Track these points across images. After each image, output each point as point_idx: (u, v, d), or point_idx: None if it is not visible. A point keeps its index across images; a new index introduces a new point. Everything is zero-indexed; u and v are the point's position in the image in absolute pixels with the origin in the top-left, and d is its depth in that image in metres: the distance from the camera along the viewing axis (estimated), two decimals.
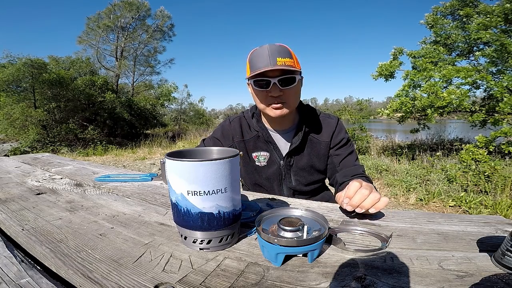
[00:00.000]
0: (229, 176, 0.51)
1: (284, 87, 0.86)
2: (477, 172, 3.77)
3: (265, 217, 0.57)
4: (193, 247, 0.54)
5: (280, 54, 0.83)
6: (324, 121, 1.04)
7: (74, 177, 1.16)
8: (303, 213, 0.58)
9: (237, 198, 0.55)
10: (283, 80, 0.85)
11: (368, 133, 8.26)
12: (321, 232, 0.49)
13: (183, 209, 0.51)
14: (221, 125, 1.10)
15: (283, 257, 0.47)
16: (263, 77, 0.86)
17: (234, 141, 1.05)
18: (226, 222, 0.52)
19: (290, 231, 0.49)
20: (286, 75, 0.85)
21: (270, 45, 0.85)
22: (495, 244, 0.52)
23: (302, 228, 0.50)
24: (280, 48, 0.85)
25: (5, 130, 9.74)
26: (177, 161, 0.49)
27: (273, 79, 0.84)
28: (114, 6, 14.39)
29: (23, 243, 0.56)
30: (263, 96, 0.90)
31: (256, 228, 0.51)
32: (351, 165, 0.99)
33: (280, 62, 0.82)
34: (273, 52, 0.83)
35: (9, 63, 9.73)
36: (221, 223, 0.52)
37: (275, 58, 0.82)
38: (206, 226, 0.51)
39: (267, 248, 0.48)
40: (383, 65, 6.41)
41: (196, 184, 0.49)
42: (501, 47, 5.08)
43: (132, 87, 15.98)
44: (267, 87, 0.86)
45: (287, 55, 0.85)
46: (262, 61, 0.84)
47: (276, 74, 0.85)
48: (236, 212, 0.54)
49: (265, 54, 0.84)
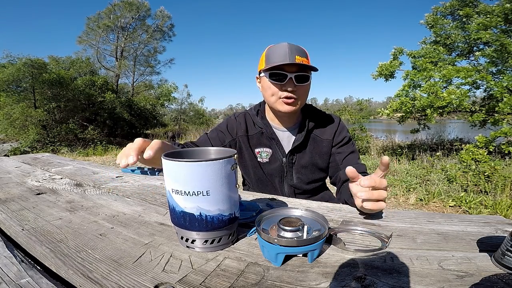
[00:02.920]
0: (212, 179, 0.49)
1: (299, 84, 0.90)
2: (477, 172, 3.77)
3: (265, 217, 0.57)
4: (182, 242, 0.55)
5: (298, 53, 0.89)
6: (326, 120, 1.06)
7: (74, 177, 1.16)
8: (303, 213, 0.58)
9: (228, 203, 0.52)
10: (299, 77, 0.89)
11: (368, 133, 8.27)
12: (321, 232, 0.49)
13: (171, 205, 0.52)
14: (227, 119, 1.12)
15: (283, 257, 0.47)
16: (281, 70, 0.89)
17: (237, 135, 1.06)
18: (209, 225, 0.51)
19: (290, 231, 0.49)
20: (303, 72, 0.89)
21: (289, 44, 0.90)
22: (495, 244, 0.51)
23: (302, 228, 0.50)
24: (299, 48, 0.91)
25: (5, 130, 9.75)
26: (164, 159, 0.50)
27: (290, 74, 0.88)
28: (114, 6, 14.39)
29: (23, 243, 0.56)
30: (275, 89, 0.92)
31: (256, 228, 0.51)
32: (353, 164, 0.99)
33: (299, 60, 0.87)
34: (293, 50, 0.88)
35: (9, 63, 9.74)
36: (203, 225, 0.51)
37: (294, 56, 0.87)
38: (188, 225, 0.51)
39: (267, 248, 0.48)
40: (383, 65, 6.41)
41: (178, 183, 0.49)
42: (501, 47, 5.09)
43: (132, 87, 15.99)
44: (283, 81, 0.89)
45: (304, 55, 0.90)
46: (280, 56, 0.88)
47: (293, 70, 0.89)
48: (223, 218, 0.52)
49: (284, 50, 0.88)
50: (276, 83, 0.91)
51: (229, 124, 1.08)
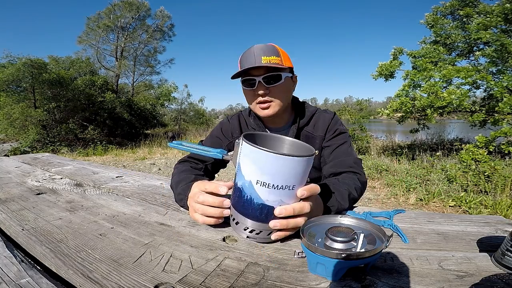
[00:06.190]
0: (301, 175, 0.49)
1: (269, 85, 0.87)
2: (477, 172, 3.77)
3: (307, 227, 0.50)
4: (240, 233, 0.54)
5: (265, 53, 0.85)
6: (320, 116, 1.01)
7: (74, 177, 1.16)
8: (352, 221, 0.52)
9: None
10: (268, 78, 0.86)
11: (368, 133, 8.27)
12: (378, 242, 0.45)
13: (246, 196, 0.50)
14: (220, 124, 1.10)
15: (344, 271, 0.43)
16: (249, 76, 0.87)
17: (233, 137, 1.04)
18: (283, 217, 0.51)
19: (342, 242, 0.44)
20: (271, 72, 0.86)
21: (256, 45, 0.87)
22: (495, 244, 0.51)
23: (358, 238, 0.44)
24: (266, 47, 0.86)
25: (5, 130, 9.75)
26: (256, 148, 0.47)
27: (257, 77, 0.86)
28: (114, 6, 14.39)
29: (23, 243, 0.56)
30: (250, 95, 0.91)
31: (307, 245, 0.44)
32: (342, 157, 0.92)
33: (265, 60, 0.83)
34: (258, 51, 0.85)
35: (9, 63, 9.74)
36: (277, 218, 0.51)
37: (260, 57, 0.84)
38: (263, 218, 0.50)
39: (327, 265, 0.42)
40: (383, 65, 6.41)
41: (267, 176, 0.47)
42: (501, 47, 5.08)
43: (132, 87, 15.98)
44: (253, 86, 0.87)
45: (273, 53, 0.86)
46: (248, 60, 0.85)
47: (261, 72, 0.86)
48: None
49: (251, 54, 0.85)
50: (249, 89, 0.89)
51: (224, 128, 1.06)
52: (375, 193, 3.77)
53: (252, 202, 0.50)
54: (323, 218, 0.53)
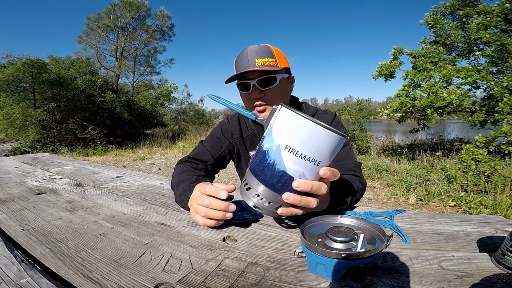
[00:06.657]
0: (329, 153, 0.47)
1: (265, 88, 0.85)
2: (477, 172, 3.77)
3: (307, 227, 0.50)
4: (248, 200, 0.52)
5: (259, 55, 0.83)
6: (320, 117, 1.00)
7: (74, 177, 1.16)
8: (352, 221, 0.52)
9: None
10: (262, 81, 0.84)
11: (368, 133, 8.26)
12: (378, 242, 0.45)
13: (270, 160, 0.48)
14: (220, 124, 1.09)
15: (344, 271, 0.43)
16: (244, 79, 0.85)
17: (233, 137, 1.03)
18: (297, 193, 0.49)
19: (342, 242, 0.44)
20: (265, 75, 0.84)
21: (250, 47, 0.85)
22: (495, 244, 0.51)
23: (358, 238, 0.44)
24: (259, 49, 0.84)
25: (5, 130, 9.75)
26: (295, 114, 0.46)
27: (252, 81, 0.84)
28: (114, 6, 14.39)
29: (23, 243, 0.56)
30: (246, 99, 0.90)
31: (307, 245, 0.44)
32: (343, 159, 0.90)
33: (259, 62, 0.82)
34: (252, 53, 0.83)
35: (9, 63, 9.74)
36: (292, 191, 0.49)
37: (254, 60, 0.82)
38: (279, 187, 0.49)
39: (327, 265, 0.42)
40: (383, 65, 6.41)
41: (298, 143, 0.46)
42: (501, 47, 5.09)
43: (132, 87, 15.98)
44: (248, 89, 0.86)
45: (267, 55, 0.84)
46: (242, 64, 0.84)
47: (255, 75, 0.84)
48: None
49: (244, 56, 0.84)
50: (244, 93, 0.88)
51: (224, 128, 1.04)
52: (375, 193, 3.77)
53: (273, 168, 0.48)
54: (323, 218, 0.53)
